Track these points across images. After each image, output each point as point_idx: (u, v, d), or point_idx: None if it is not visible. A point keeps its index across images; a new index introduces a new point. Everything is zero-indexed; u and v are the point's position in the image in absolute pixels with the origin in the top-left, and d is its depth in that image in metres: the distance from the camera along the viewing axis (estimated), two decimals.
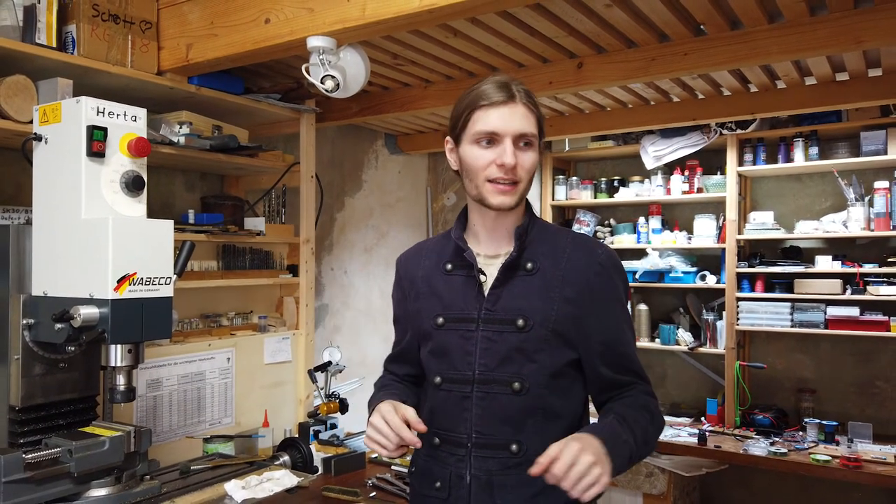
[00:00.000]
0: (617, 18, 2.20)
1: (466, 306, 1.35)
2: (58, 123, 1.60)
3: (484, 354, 1.32)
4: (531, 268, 1.34)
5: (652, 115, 3.30)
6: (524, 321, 1.31)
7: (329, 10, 1.83)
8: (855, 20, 2.06)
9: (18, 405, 1.60)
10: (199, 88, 2.29)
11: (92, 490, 1.61)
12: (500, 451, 1.31)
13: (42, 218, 1.63)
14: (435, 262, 1.43)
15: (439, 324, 1.36)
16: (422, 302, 1.42)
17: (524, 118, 1.30)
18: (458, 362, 1.34)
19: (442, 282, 1.40)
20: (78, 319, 1.46)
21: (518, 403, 1.31)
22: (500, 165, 1.29)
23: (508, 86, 1.31)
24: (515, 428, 1.31)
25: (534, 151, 1.33)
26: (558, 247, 1.37)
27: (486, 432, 1.31)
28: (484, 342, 1.32)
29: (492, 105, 1.29)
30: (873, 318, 3.31)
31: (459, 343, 1.34)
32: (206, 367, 2.40)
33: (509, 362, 1.31)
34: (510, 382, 1.31)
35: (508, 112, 1.29)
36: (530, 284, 1.33)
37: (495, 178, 1.30)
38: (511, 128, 1.29)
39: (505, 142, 1.29)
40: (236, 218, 2.66)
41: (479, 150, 1.31)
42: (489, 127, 1.29)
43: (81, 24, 1.95)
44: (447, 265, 1.40)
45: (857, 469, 2.98)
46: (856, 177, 3.45)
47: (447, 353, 1.36)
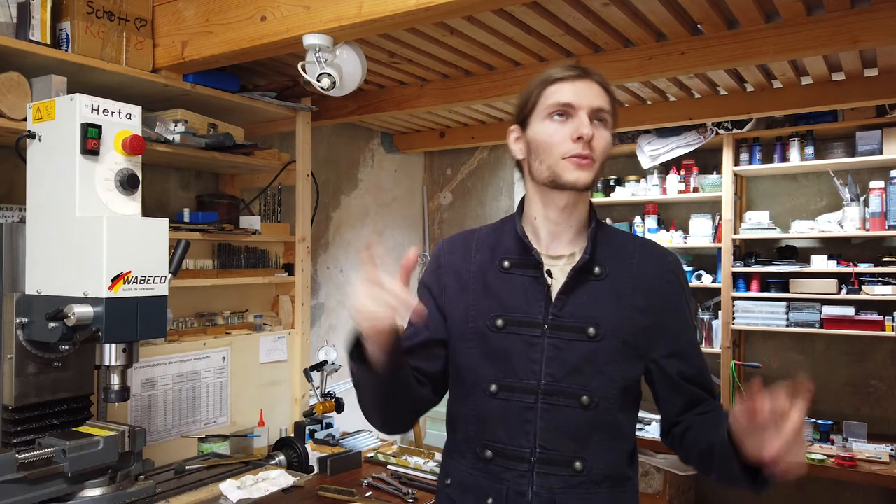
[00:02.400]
0: (614, 17, 2.20)
1: (531, 309, 1.24)
2: (52, 121, 1.58)
3: (550, 363, 1.21)
4: (599, 272, 1.24)
5: (648, 114, 3.30)
6: (595, 330, 1.21)
7: (325, 7, 1.82)
8: (852, 20, 2.06)
9: (12, 405, 1.59)
10: (194, 86, 2.28)
11: (86, 490, 1.59)
12: (563, 468, 1.21)
13: (36, 216, 1.62)
14: (489, 256, 1.30)
15: (499, 326, 1.24)
16: (471, 298, 1.28)
17: (599, 94, 1.23)
18: (521, 370, 1.22)
19: (499, 280, 1.27)
20: (72, 318, 1.45)
21: (585, 418, 1.21)
22: (578, 138, 1.19)
23: (583, 67, 1.25)
24: (580, 444, 1.21)
25: (608, 131, 1.24)
26: (626, 251, 1.28)
27: (550, 447, 1.21)
28: (551, 350, 1.22)
29: (566, 79, 1.22)
30: (868, 318, 3.31)
31: (523, 349, 1.23)
32: (201, 367, 2.39)
33: (577, 373, 1.21)
34: (578, 395, 1.21)
35: (584, 86, 1.22)
36: (600, 291, 1.24)
37: (572, 153, 1.20)
38: (586, 100, 1.21)
39: (580, 114, 1.20)
40: (232, 216, 2.65)
41: (553, 126, 1.21)
42: (564, 98, 1.21)
43: (76, 21, 1.94)
44: (504, 262, 1.28)
45: (852, 468, 2.99)
46: (851, 176, 3.46)
47: (507, 359, 1.24)
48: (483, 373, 1.26)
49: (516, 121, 1.29)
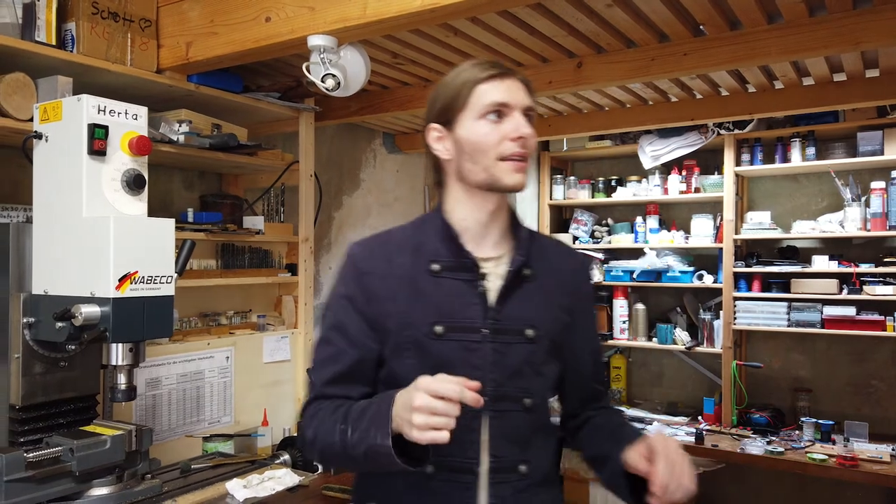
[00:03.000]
0: (617, 18, 2.20)
1: (469, 314, 1.19)
2: (59, 122, 1.59)
3: (494, 368, 1.18)
4: (529, 274, 1.24)
5: (650, 114, 3.31)
6: (533, 331, 1.20)
7: (330, 8, 1.82)
8: (854, 21, 2.07)
9: (19, 404, 1.59)
10: (198, 87, 2.29)
11: (93, 489, 1.60)
12: (511, 475, 1.19)
13: (43, 216, 1.63)
14: (414, 259, 1.23)
15: (438, 333, 1.17)
16: (403, 306, 1.20)
17: (525, 92, 1.21)
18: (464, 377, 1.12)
19: (430, 284, 1.20)
20: (79, 318, 1.46)
21: (528, 421, 1.21)
22: (517, 138, 1.16)
23: (500, 63, 1.22)
24: (523, 448, 1.21)
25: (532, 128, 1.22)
26: (547, 251, 1.30)
27: (499, 454, 1.18)
28: (493, 355, 1.18)
29: (496, 77, 1.18)
30: (869, 318, 3.32)
31: (463, 356, 1.17)
32: (205, 366, 2.39)
33: (519, 376, 1.19)
34: (521, 399, 1.19)
35: (514, 84, 1.20)
36: (532, 292, 1.23)
37: (510, 153, 1.17)
38: (519, 99, 1.19)
39: (515, 114, 1.18)
40: (235, 217, 2.66)
41: (488, 126, 1.17)
42: (499, 97, 1.17)
43: (81, 22, 1.95)
44: (433, 265, 1.21)
45: (854, 468, 3.00)
46: (852, 177, 3.47)
47: (448, 368, 1.12)
48: None
49: (437, 120, 1.23)
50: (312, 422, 1.19)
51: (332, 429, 1.13)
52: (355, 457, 1.10)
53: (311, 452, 1.20)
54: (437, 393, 0.99)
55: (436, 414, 0.99)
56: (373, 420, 1.08)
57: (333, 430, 1.13)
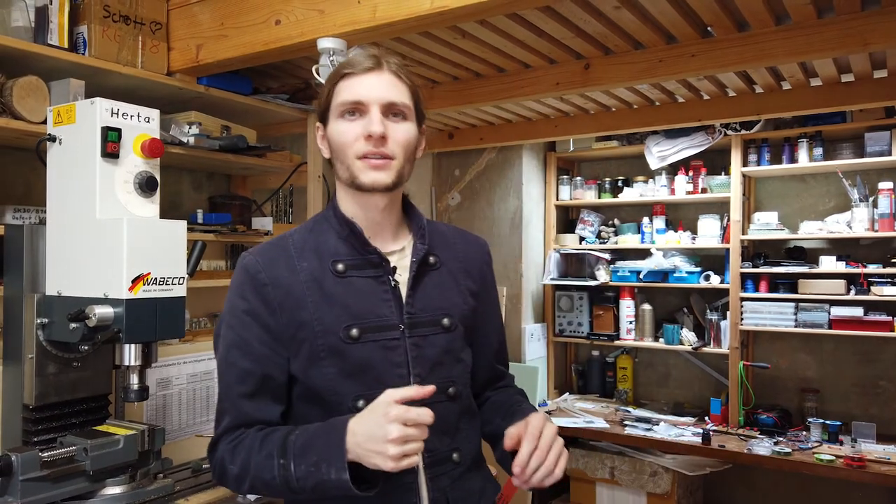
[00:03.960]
0: (625, 20, 2.21)
1: (383, 312, 1.16)
2: (72, 124, 1.61)
3: (416, 364, 1.16)
4: (434, 262, 1.23)
5: (657, 115, 3.31)
6: (449, 320, 1.21)
7: (339, 11, 1.84)
8: (862, 22, 2.07)
9: (33, 404, 1.61)
10: (207, 89, 2.30)
11: (107, 488, 1.62)
12: (446, 465, 1.19)
13: (56, 218, 1.64)
14: (316, 262, 1.18)
15: (354, 336, 1.13)
16: (313, 313, 1.14)
17: (392, 86, 1.15)
18: (387, 378, 1.13)
19: (338, 286, 1.16)
20: (93, 319, 1.47)
21: (454, 409, 1.21)
22: (368, 137, 1.12)
23: (375, 55, 1.17)
24: (453, 437, 1.21)
25: (409, 124, 1.17)
26: (447, 238, 1.30)
27: (433, 448, 1.15)
28: (413, 350, 1.16)
29: (355, 74, 1.15)
30: (877, 319, 3.32)
31: (383, 356, 1.14)
32: (214, 366, 2.40)
33: (440, 367, 1.19)
34: (445, 388, 1.18)
35: (375, 79, 1.15)
36: (440, 280, 1.23)
37: (363, 152, 1.13)
38: (377, 95, 1.13)
39: (371, 110, 1.13)
40: (244, 218, 2.67)
41: (345, 124, 1.15)
42: (353, 96, 1.14)
43: (92, 25, 1.97)
44: (337, 265, 1.17)
45: (861, 469, 2.99)
46: (860, 177, 3.46)
47: (369, 370, 1.14)
48: (344, 391, 1.14)
49: (319, 118, 1.23)
50: (235, 456, 1.13)
51: (265, 464, 1.09)
52: (299, 490, 1.07)
53: (238, 487, 1.16)
54: (409, 421, 0.99)
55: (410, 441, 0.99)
56: (322, 454, 1.04)
57: (269, 465, 1.08)
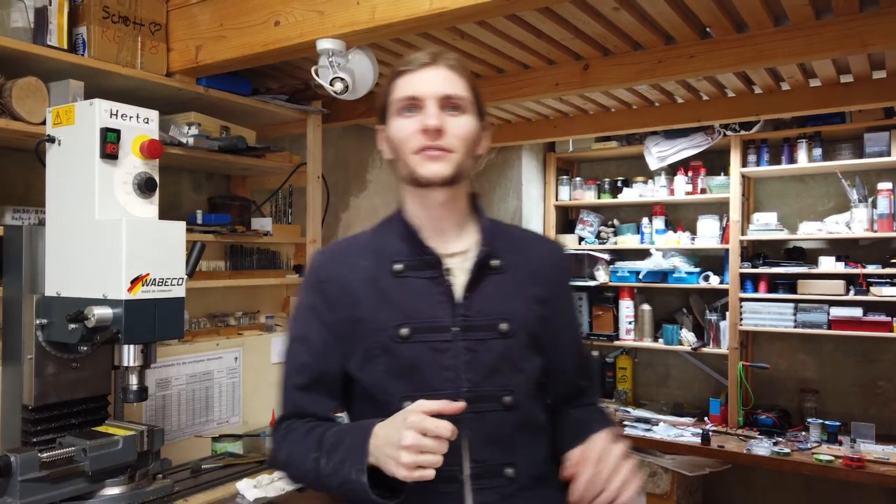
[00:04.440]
0: (624, 21, 2.21)
1: (436, 313, 1.14)
2: (71, 125, 1.61)
3: (468, 368, 1.11)
4: (498, 265, 1.18)
5: (656, 116, 3.31)
6: (507, 325, 1.14)
7: (339, 12, 1.84)
8: (860, 23, 2.07)
9: (32, 404, 1.61)
10: (207, 90, 2.30)
11: (106, 489, 1.62)
12: (496, 480, 1.11)
13: (55, 219, 1.65)
14: (376, 262, 1.19)
15: (404, 335, 1.12)
16: (367, 311, 1.15)
17: (448, 80, 1.15)
18: (435, 381, 1.11)
19: (394, 285, 1.16)
20: (92, 320, 1.47)
21: (510, 420, 1.13)
22: (424, 130, 1.12)
23: (432, 52, 1.17)
24: (508, 449, 1.13)
25: (467, 117, 1.16)
26: (517, 241, 1.24)
27: (481, 459, 1.11)
28: (466, 353, 1.12)
29: (411, 70, 1.16)
30: (876, 319, 3.32)
31: (432, 357, 1.12)
32: (213, 367, 2.41)
33: (496, 374, 1.13)
34: (500, 397, 1.12)
35: (430, 74, 1.15)
36: (502, 284, 1.18)
37: (420, 146, 1.13)
38: (432, 89, 1.13)
39: (427, 104, 1.13)
40: (243, 218, 2.67)
41: (403, 121, 1.15)
42: (409, 91, 1.14)
43: (92, 26, 1.97)
44: (395, 265, 1.17)
45: (860, 469, 3.00)
46: (859, 178, 3.46)
47: (417, 372, 1.12)
48: (393, 390, 1.13)
49: (379, 121, 1.23)
50: (283, 444, 1.18)
51: (305, 456, 1.11)
52: (330, 487, 1.08)
53: (285, 473, 1.19)
54: (426, 431, 0.96)
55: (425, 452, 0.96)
56: (348, 453, 1.05)
57: (307, 457, 1.11)
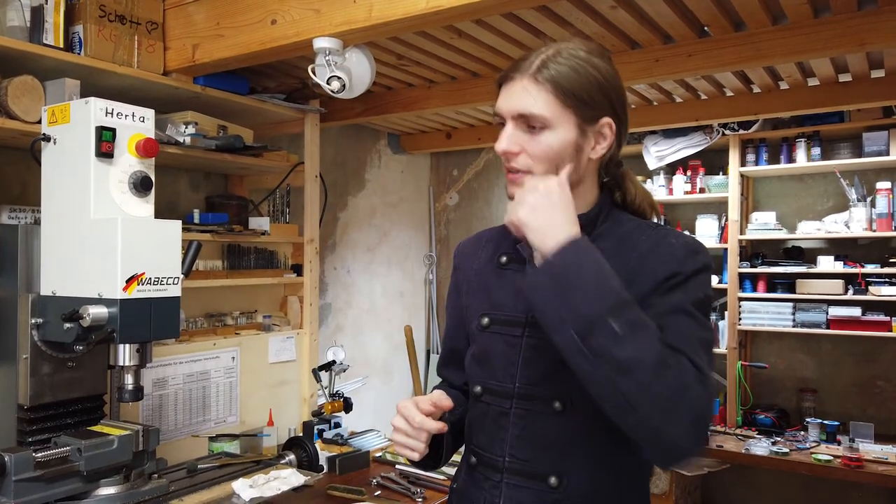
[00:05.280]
0: (622, 20, 2.21)
1: (516, 307, 1.14)
2: (66, 124, 1.60)
3: (527, 365, 1.11)
4: None
5: (654, 115, 3.30)
6: None
7: (335, 11, 1.83)
8: (858, 22, 2.07)
9: (27, 404, 1.61)
10: (204, 89, 2.30)
11: (101, 488, 1.61)
12: (536, 482, 1.09)
13: (51, 218, 1.64)
14: (492, 253, 1.23)
15: (484, 325, 1.16)
16: (472, 298, 1.23)
17: (525, 94, 1.07)
18: (500, 372, 1.14)
19: (495, 276, 1.20)
20: (87, 319, 1.47)
21: (561, 427, 1.08)
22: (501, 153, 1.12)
23: (537, 56, 1.09)
24: (558, 457, 1.09)
25: (550, 133, 1.07)
26: (630, 243, 1.12)
27: (521, 457, 1.11)
28: (528, 350, 1.11)
29: (504, 81, 1.12)
30: (875, 319, 3.32)
31: (504, 350, 1.14)
32: (210, 367, 2.41)
33: (554, 376, 1.08)
34: (551, 400, 1.08)
35: (510, 89, 1.10)
36: None
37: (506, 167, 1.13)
38: (507, 107, 1.10)
39: (506, 124, 1.10)
40: (241, 217, 2.67)
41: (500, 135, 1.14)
42: (496, 108, 1.13)
43: (88, 25, 1.96)
44: (502, 257, 1.20)
45: (859, 469, 2.99)
46: (858, 177, 3.46)
47: (489, 360, 1.16)
48: (472, 375, 1.21)
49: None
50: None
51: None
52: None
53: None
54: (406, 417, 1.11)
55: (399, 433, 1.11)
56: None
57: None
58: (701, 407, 0.97)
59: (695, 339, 1.02)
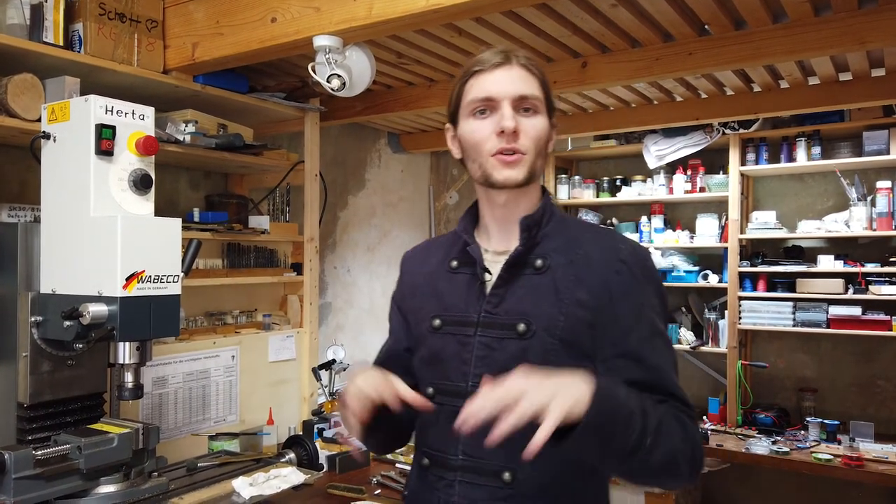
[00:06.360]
0: (622, 18, 2.21)
1: (467, 308, 1.17)
2: (66, 122, 1.60)
3: (479, 364, 1.13)
4: (540, 266, 1.15)
5: (655, 114, 3.30)
6: (525, 326, 1.11)
7: (335, 9, 1.83)
8: (859, 20, 2.07)
9: (27, 402, 1.61)
10: (204, 87, 2.30)
11: (101, 486, 1.61)
12: (489, 479, 1.11)
13: (51, 216, 1.64)
14: (442, 258, 1.26)
15: (435, 326, 1.19)
16: (420, 301, 1.25)
17: (522, 80, 1.14)
18: (453, 372, 1.16)
19: (445, 280, 1.23)
20: (87, 317, 1.47)
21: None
22: (500, 132, 1.11)
23: (504, 51, 1.16)
24: (511, 453, 1.05)
25: (540, 117, 1.15)
26: (575, 242, 1.17)
27: (475, 455, 1.12)
28: (481, 349, 1.14)
29: (485, 70, 1.14)
30: (875, 318, 3.31)
31: (456, 350, 1.16)
32: (210, 365, 2.41)
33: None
34: None
35: (504, 74, 1.13)
36: (537, 285, 1.14)
37: (497, 149, 1.13)
38: (507, 90, 1.12)
39: (502, 106, 1.12)
40: (241, 216, 2.67)
41: (477, 122, 1.15)
42: (483, 92, 1.13)
43: (88, 23, 1.96)
44: (453, 262, 1.23)
45: (859, 468, 2.99)
46: (858, 176, 3.46)
47: (441, 361, 1.17)
48: (423, 377, 1.21)
49: (449, 120, 1.23)
50: None
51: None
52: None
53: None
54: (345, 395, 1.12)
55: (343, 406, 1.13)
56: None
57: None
58: (698, 440, 1.10)
59: (671, 369, 1.14)
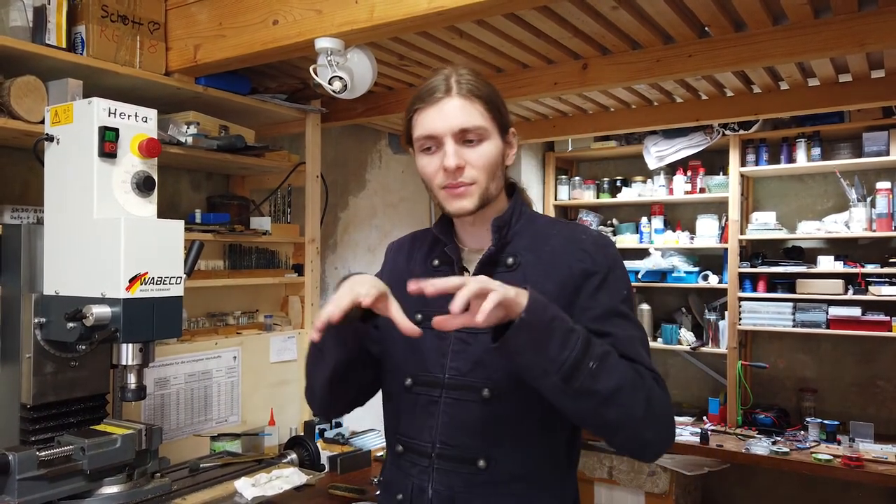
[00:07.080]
0: (622, 20, 2.21)
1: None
2: (69, 124, 1.61)
3: (456, 357, 1.19)
4: (511, 263, 1.21)
5: (655, 115, 3.31)
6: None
7: (337, 11, 1.84)
8: (859, 22, 2.07)
9: (30, 403, 1.61)
10: (206, 89, 2.30)
11: (104, 487, 1.62)
12: (465, 466, 1.17)
13: (54, 218, 1.65)
14: (425, 254, 1.32)
15: (417, 320, 1.21)
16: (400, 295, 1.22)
17: (462, 110, 1.16)
18: (431, 364, 1.21)
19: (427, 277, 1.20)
20: (90, 318, 1.47)
21: (488, 413, 1.16)
22: (445, 170, 1.16)
23: (446, 78, 1.18)
24: (486, 441, 1.16)
25: (487, 143, 1.18)
26: (542, 239, 1.23)
27: (451, 443, 1.18)
28: (457, 343, 1.20)
29: (425, 106, 1.18)
30: (875, 319, 3.32)
31: (435, 343, 1.22)
32: (212, 366, 2.41)
33: (481, 367, 1.17)
34: (480, 389, 1.16)
35: (444, 108, 1.16)
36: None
37: (444, 184, 1.18)
38: (449, 125, 1.15)
39: (445, 142, 1.16)
40: (242, 217, 2.68)
41: (426, 158, 1.20)
42: (426, 131, 1.17)
43: (90, 25, 1.97)
44: (434, 261, 1.29)
45: (859, 468, 3.00)
46: (858, 177, 3.47)
47: (421, 353, 1.23)
48: (402, 367, 1.26)
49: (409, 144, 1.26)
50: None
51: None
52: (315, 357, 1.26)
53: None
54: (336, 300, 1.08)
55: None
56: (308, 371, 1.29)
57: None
58: (667, 407, 1.12)
59: (636, 341, 1.16)
